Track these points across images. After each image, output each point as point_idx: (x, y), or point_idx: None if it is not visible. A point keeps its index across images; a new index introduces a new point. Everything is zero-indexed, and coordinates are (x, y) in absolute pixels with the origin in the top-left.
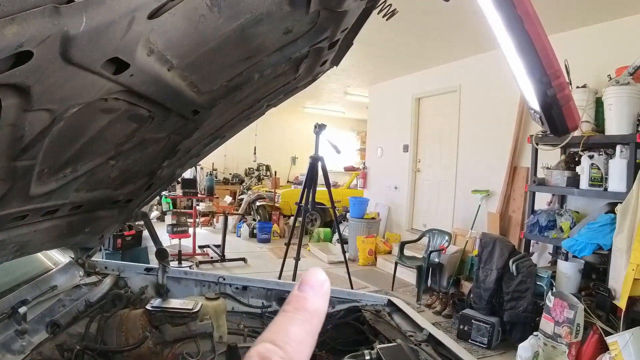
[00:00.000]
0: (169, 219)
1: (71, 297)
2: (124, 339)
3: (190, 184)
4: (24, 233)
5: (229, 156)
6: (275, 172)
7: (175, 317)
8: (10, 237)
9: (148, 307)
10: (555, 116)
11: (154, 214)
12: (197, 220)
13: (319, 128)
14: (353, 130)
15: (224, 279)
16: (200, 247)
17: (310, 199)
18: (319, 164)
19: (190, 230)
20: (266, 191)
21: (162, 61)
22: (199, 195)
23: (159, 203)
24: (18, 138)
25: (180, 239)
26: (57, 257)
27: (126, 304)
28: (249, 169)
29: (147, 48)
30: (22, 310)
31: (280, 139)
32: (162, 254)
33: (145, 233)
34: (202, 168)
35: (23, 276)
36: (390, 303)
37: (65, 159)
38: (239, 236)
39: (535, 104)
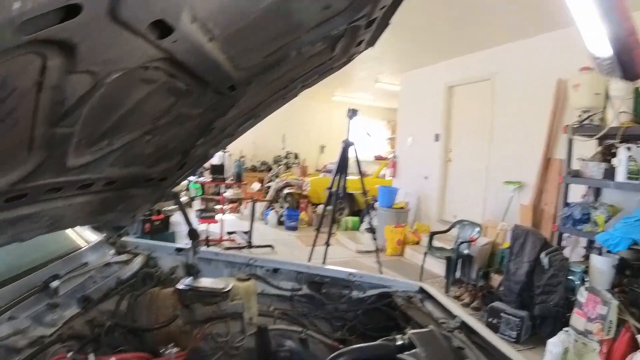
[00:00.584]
0: (197, 205)
1: (102, 275)
2: (154, 317)
3: (218, 170)
4: (59, 207)
5: (257, 143)
6: (304, 160)
7: (206, 297)
8: (45, 209)
9: (179, 286)
10: (627, 60)
11: (182, 199)
12: (225, 206)
13: (352, 113)
14: (383, 119)
15: (255, 261)
16: (228, 233)
17: (341, 185)
18: (351, 149)
19: (218, 216)
20: (294, 179)
21: (204, 30)
22: (227, 181)
23: (187, 189)
24: (59, 102)
25: (208, 225)
26: (89, 236)
27: (156, 283)
28: (277, 156)
29: (191, 14)
30: (53, 284)
31: (309, 128)
32: (193, 234)
33: (173, 218)
34: (230, 155)
35: (54, 252)
36: (422, 290)
37: (102, 130)
38: (267, 223)
39: (605, 52)
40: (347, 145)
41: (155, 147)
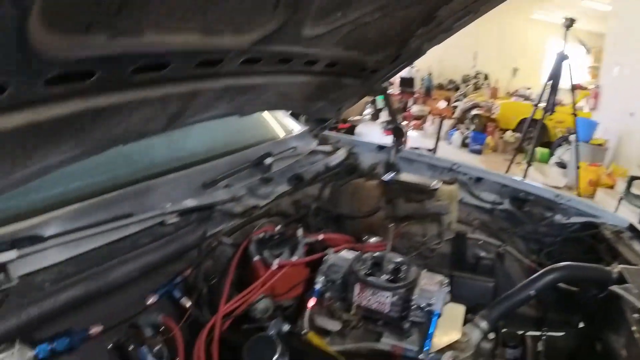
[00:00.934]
0: (383, 117)
1: (309, 160)
2: (357, 207)
3: (407, 82)
4: (283, 83)
5: (445, 61)
6: (496, 82)
7: (411, 192)
8: (270, 83)
9: (384, 178)
10: None
11: (367, 111)
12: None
13: (569, 22)
14: (584, 45)
15: (458, 167)
16: (412, 148)
17: (551, 101)
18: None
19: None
20: (483, 101)
21: None
22: (415, 94)
23: (373, 102)
24: None
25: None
26: (294, 125)
27: (359, 176)
28: (466, 75)
29: None
30: (267, 161)
31: (502, 47)
32: (398, 131)
33: (359, 128)
34: (417, 70)
35: (263, 136)
36: (633, 229)
37: None
38: (450, 144)
39: None
40: (561, 58)
41: (377, 32)
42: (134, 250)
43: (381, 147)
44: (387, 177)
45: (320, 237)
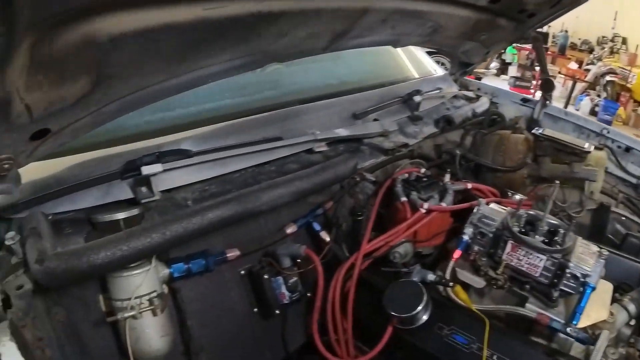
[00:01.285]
0: (512, 71)
1: (453, 104)
2: (501, 159)
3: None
4: (446, 14)
5: (580, 18)
6: (636, 48)
7: (561, 152)
8: (435, 11)
9: (534, 132)
10: None
11: (493, 64)
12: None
13: None
14: None
15: (608, 132)
16: None
17: None
18: None
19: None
20: (619, 67)
21: None
22: (548, 52)
23: (500, 56)
24: None
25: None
26: (432, 67)
27: (503, 127)
28: (603, 37)
29: None
30: (416, 98)
31: None
32: (547, 84)
33: (483, 82)
34: (549, 26)
35: (403, 73)
36: None
37: None
38: (578, 110)
39: None
40: None
41: None
42: (283, 175)
43: (525, 100)
44: (537, 131)
45: (469, 185)
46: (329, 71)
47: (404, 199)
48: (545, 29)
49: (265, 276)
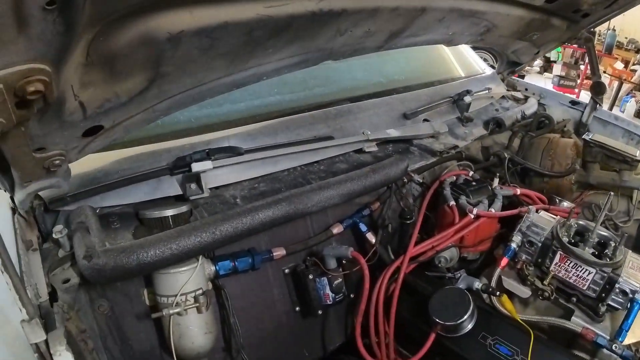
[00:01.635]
0: (556, 70)
1: (502, 105)
2: (549, 164)
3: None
4: (501, 13)
5: (628, 16)
6: None
7: (611, 159)
8: (490, 11)
9: (585, 137)
10: None
11: (537, 62)
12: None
13: None
14: None
15: None
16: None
17: None
18: None
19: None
20: None
21: None
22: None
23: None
24: None
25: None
26: (480, 65)
27: (551, 130)
28: None
29: None
30: (467, 99)
31: None
32: (599, 87)
33: (525, 80)
34: None
35: (450, 72)
36: None
37: None
38: (622, 111)
39: None
40: None
41: None
42: (332, 175)
43: (575, 102)
44: (588, 136)
45: (517, 191)
46: (378, 68)
47: (452, 202)
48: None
49: (310, 276)
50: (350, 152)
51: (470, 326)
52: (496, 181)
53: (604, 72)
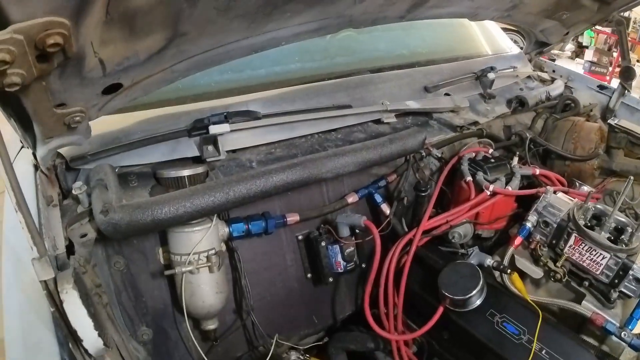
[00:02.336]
0: (588, 55)
1: (527, 85)
2: (572, 147)
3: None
4: None
5: None
6: None
7: (636, 146)
8: None
9: (611, 122)
10: None
11: (568, 47)
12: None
13: None
14: None
15: None
16: None
17: None
18: None
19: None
20: None
21: None
22: (628, 38)
23: (576, 38)
24: None
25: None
26: (507, 44)
27: (576, 113)
28: None
29: None
30: (490, 76)
31: None
32: (628, 72)
33: (556, 64)
34: (631, 10)
35: (476, 48)
36: None
37: None
38: None
39: None
40: None
41: None
42: (349, 144)
43: (602, 87)
44: (613, 121)
45: (537, 171)
46: (401, 41)
47: (469, 178)
48: (626, 13)
49: (323, 243)
50: (368, 122)
51: (479, 302)
52: (515, 160)
53: (638, 61)
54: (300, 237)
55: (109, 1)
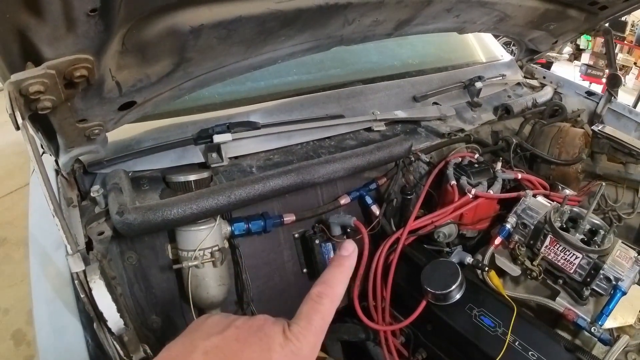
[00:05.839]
0: (584, 59)
1: (515, 92)
2: (557, 152)
3: (618, 25)
4: (514, 4)
5: None
6: None
7: (618, 151)
8: (502, 1)
9: (594, 128)
10: None
11: (567, 49)
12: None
13: None
14: None
15: None
16: None
17: None
18: None
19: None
20: None
21: None
22: (625, 41)
23: (574, 41)
24: None
25: (590, 84)
26: (499, 52)
27: (563, 119)
28: None
29: None
30: (478, 85)
31: None
32: (614, 79)
33: (554, 67)
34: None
35: (469, 57)
36: None
37: None
38: None
39: None
40: None
41: None
42: (341, 150)
43: (591, 93)
44: (597, 127)
45: (519, 176)
46: (393, 52)
47: (453, 182)
48: (623, 17)
49: (317, 241)
50: (360, 130)
51: (458, 296)
52: (499, 164)
53: (635, 63)
54: (296, 235)
55: (125, 35)
